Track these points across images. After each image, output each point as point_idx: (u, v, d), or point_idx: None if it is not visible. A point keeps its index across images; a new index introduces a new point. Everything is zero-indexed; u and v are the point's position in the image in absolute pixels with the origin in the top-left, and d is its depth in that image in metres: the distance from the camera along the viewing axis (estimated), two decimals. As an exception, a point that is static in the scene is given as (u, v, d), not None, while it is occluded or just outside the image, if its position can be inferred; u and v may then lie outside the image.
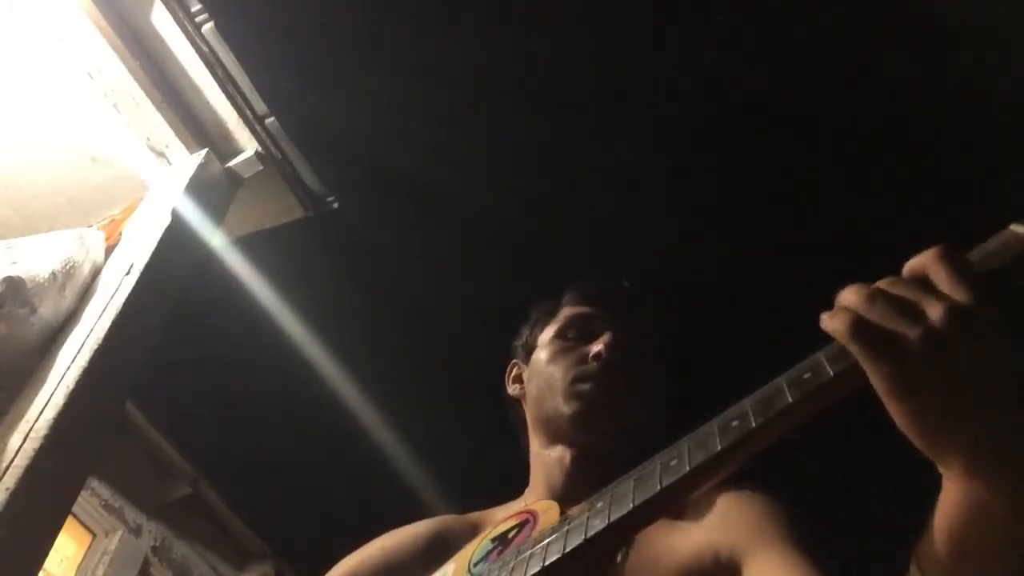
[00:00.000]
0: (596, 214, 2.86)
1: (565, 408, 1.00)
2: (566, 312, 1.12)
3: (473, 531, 0.98)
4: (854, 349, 0.53)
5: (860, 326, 0.52)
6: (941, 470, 0.54)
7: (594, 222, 2.87)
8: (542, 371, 1.07)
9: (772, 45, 2.47)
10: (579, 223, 2.86)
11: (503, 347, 1.22)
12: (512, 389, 1.17)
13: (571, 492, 0.94)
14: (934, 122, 2.54)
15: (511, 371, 1.19)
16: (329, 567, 1.03)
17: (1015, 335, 0.51)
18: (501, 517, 0.97)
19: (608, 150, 2.74)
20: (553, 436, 1.03)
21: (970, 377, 0.50)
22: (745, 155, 2.74)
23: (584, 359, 1.03)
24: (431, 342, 3.31)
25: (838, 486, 3.06)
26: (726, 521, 0.85)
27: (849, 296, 0.54)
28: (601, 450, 0.98)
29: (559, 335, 1.10)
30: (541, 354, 1.09)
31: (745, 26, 2.46)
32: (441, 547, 0.96)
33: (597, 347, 1.02)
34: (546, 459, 1.03)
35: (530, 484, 1.07)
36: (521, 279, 2.81)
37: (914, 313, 0.51)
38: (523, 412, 1.13)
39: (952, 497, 0.54)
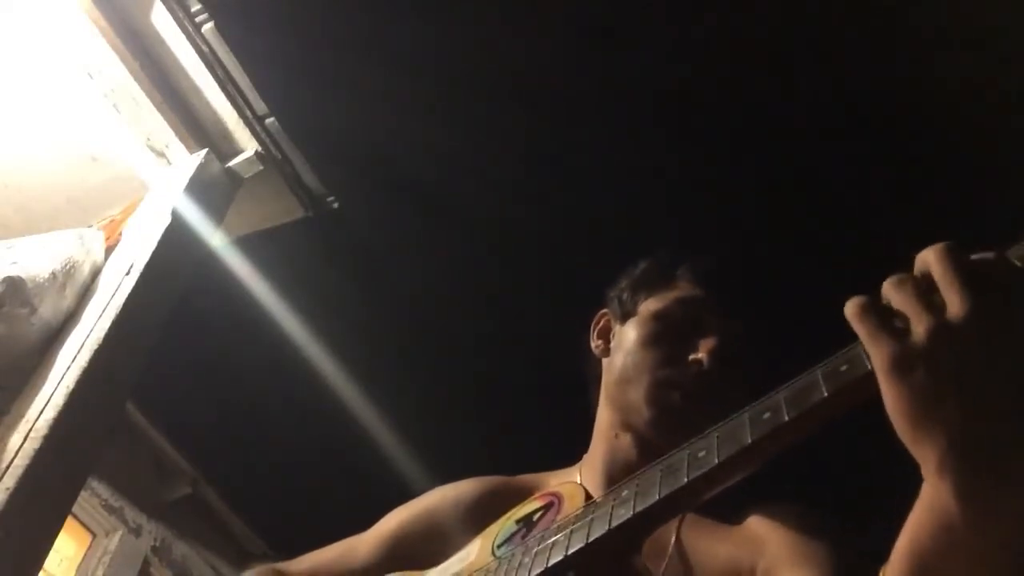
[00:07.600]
0: (597, 214, 2.86)
1: (645, 410, 0.95)
2: (680, 292, 1.01)
3: (523, 496, 0.96)
4: (857, 327, 0.53)
5: (868, 308, 0.53)
6: (921, 465, 0.53)
7: (595, 222, 2.87)
8: (633, 351, 0.99)
9: (774, 46, 2.47)
10: (580, 223, 2.86)
11: (503, 347, 1.19)
12: (596, 344, 1.09)
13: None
14: (935, 122, 2.54)
15: (599, 321, 1.11)
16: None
17: None
18: (555, 484, 0.96)
19: (610, 150, 2.74)
20: (624, 423, 0.99)
21: (966, 376, 0.50)
22: (747, 155, 2.74)
23: (681, 360, 0.95)
24: (431, 342, 3.31)
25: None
26: (765, 539, 0.85)
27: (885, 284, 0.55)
28: (668, 448, 0.97)
29: (664, 315, 1.00)
30: (637, 327, 1.01)
31: (746, 27, 2.46)
32: (487, 509, 0.96)
33: (701, 354, 0.94)
34: (612, 441, 1.00)
35: (590, 453, 1.04)
36: (521, 279, 2.81)
37: (933, 304, 0.51)
38: (599, 370, 1.07)
39: (922, 503, 0.54)
